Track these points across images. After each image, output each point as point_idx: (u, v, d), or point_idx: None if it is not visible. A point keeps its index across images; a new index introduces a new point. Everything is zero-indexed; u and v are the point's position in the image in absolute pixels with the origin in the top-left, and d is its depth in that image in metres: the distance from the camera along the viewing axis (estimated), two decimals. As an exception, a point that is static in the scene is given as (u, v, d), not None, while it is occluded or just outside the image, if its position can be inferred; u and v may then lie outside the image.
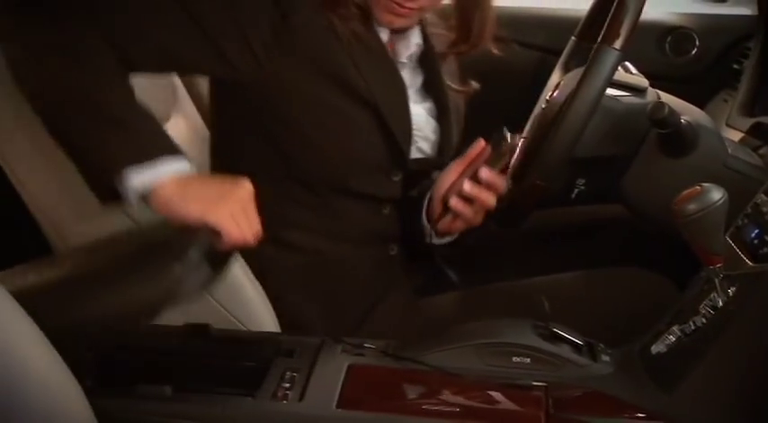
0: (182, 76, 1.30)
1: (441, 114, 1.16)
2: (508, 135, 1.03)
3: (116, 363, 0.95)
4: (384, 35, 1.09)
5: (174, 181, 0.94)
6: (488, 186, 1.04)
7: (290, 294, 1.11)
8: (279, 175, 1.09)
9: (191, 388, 0.89)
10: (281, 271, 1.11)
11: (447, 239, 1.12)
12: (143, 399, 0.85)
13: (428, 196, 1.13)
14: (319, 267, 1.12)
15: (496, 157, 1.05)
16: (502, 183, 1.05)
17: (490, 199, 1.04)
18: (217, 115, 1.15)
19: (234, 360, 0.95)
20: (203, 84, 1.34)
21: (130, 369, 0.94)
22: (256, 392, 0.87)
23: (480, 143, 1.07)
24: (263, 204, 1.09)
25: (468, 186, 1.04)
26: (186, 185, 0.94)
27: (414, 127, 1.11)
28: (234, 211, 0.91)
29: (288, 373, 0.90)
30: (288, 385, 0.88)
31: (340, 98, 1.05)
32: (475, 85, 1.22)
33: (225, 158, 1.15)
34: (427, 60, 1.15)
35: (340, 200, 1.10)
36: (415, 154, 1.13)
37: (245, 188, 0.94)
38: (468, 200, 1.05)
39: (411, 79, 1.15)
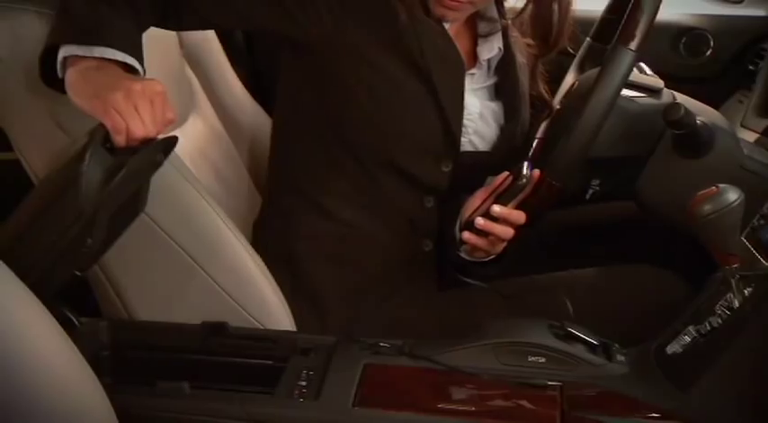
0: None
1: (507, 119, 1.16)
2: (525, 169, 1.01)
3: (134, 361, 0.97)
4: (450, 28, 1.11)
5: (88, 64, 0.90)
6: (504, 220, 1.03)
7: (312, 261, 1.12)
8: (329, 142, 1.10)
9: (208, 385, 0.90)
10: (315, 236, 1.12)
11: (474, 259, 1.12)
12: (161, 395, 0.86)
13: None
14: (349, 240, 1.12)
15: (512, 191, 1.03)
16: (519, 216, 1.04)
17: (505, 232, 1.04)
18: (281, 80, 1.17)
19: (250, 358, 0.96)
20: (221, 84, 1.35)
21: (149, 367, 0.95)
22: (273, 390, 0.88)
23: (504, 174, 1.06)
24: (311, 170, 1.12)
25: (480, 221, 1.03)
26: (94, 70, 0.90)
27: (467, 117, 1.11)
28: (119, 104, 0.85)
29: (304, 371, 0.91)
30: (304, 383, 0.89)
31: (395, 66, 1.06)
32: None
33: (282, 122, 1.18)
34: (505, 65, 1.16)
35: (385, 177, 1.10)
36: (467, 147, 1.13)
37: (142, 83, 0.88)
38: (482, 232, 1.04)
39: (484, 78, 1.16)
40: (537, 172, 1.03)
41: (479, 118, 1.14)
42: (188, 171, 1.05)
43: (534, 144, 1.26)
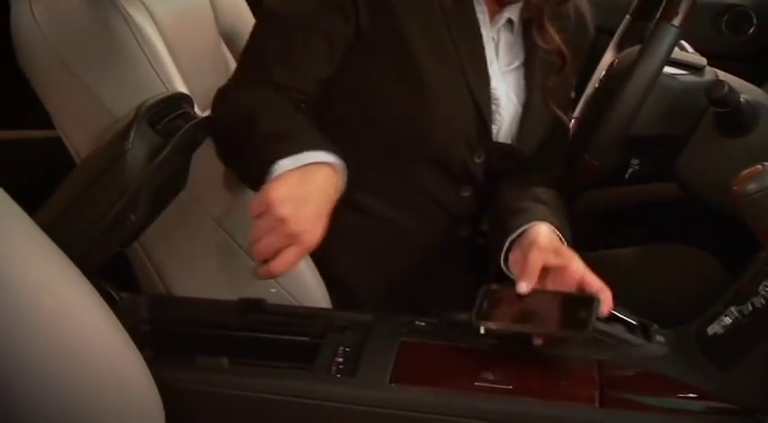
0: None
1: (527, 98, 1.11)
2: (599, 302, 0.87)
3: (173, 336, 0.98)
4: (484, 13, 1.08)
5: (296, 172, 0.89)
6: None
7: (348, 255, 1.11)
8: (358, 138, 1.07)
9: (245, 361, 0.91)
10: (347, 232, 1.09)
11: None
12: (200, 370, 0.86)
13: (514, 235, 1.00)
14: (386, 234, 1.11)
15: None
16: None
17: None
18: None
19: (287, 335, 0.97)
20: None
21: (187, 342, 0.96)
22: (310, 367, 0.89)
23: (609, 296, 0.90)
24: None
25: (524, 288, 0.91)
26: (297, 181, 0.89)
27: (494, 102, 1.08)
28: (263, 223, 0.86)
29: (341, 348, 0.91)
30: (341, 360, 0.89)
31: (425, 54, 1.03)
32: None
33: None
34: (528, 38, 1.11)
35: (419, 170, 1.08)
36: (497, 136, 1.10)
37: (304, 225, 0.87)
38: None
39: (511, 57, 1.11)
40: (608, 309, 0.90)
41: (507, 104, 1.10)
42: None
43: (572, 124, 1.24)
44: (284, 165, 0.89)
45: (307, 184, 0.89)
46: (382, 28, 1.03)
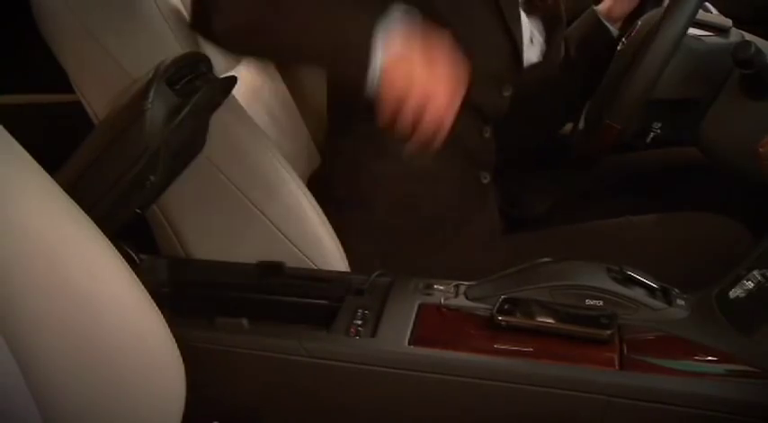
0: None
1: (548, 30, 1.13)
2: None
3: (193, 298, 0.98)
4: None
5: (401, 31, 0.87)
6: None
7: (379, 204, 1.10)
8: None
9: (265, 323, 0.91)
10: (379, 179, 1.10)
11: None
12: (220, 330, 0.87)
13: None
14: (413, 179, 1.10)
15: None
16: None
17: None
18: None
19: (306, 298, 0.97)
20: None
21: (207, 304, 0.97)
22: (329, 328, 0.89)
23: None
24: (374, 113, 1.08)
25: None
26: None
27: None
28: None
29: (359, 310, 0.91)
30: (360, 322, 0.89)
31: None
32: None
33: (337, 94, 1.15)
34: None
35: None
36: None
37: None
38: None
39: None
40: None
41: (527, 36, 1.11)
42: (243, 112, 1.05)
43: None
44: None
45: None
46: None
